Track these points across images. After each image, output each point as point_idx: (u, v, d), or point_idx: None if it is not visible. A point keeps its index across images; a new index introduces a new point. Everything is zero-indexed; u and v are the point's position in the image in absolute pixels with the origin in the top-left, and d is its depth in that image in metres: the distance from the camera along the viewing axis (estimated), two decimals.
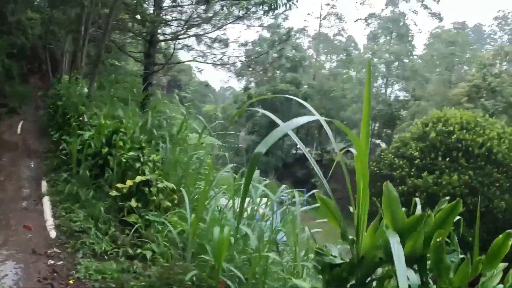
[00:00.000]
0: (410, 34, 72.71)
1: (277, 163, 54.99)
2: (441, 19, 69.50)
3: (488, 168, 31.17)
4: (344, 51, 74.11)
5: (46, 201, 7.73)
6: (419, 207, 4.04)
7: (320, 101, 64.90)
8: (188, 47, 18.75)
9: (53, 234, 6.45)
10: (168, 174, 7.58)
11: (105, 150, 8.14)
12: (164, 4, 16.82)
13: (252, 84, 67.40)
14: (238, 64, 19.81)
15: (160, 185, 6.75)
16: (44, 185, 8.78)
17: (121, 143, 8.05)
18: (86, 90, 12.53)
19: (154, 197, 6.51)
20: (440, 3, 66.91)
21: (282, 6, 11.16)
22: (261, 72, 19.49)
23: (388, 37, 72.40)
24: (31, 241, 6.17)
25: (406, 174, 34.08)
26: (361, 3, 72.17)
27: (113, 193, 6.72)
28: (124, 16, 17.08)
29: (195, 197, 7.05)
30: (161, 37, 18.06)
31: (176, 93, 18.28)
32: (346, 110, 69.81)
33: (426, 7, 66.99)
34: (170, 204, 6.75)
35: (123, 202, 6.65)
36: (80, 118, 10.20)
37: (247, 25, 18.38)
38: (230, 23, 17.48)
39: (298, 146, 70.85)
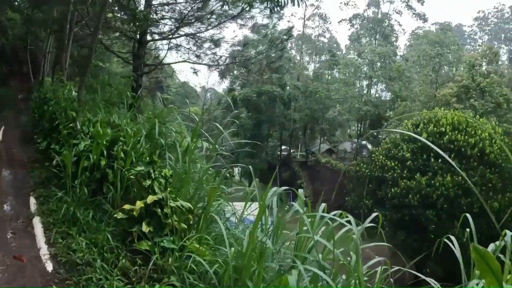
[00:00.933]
0: (394, 35, 72.77)
1: (262, 165, 54.18)
2: (425, 20, 69.68)
3: (481, 168, 30.99)
4: (328, 52, 73.66)
5: (37, 223, 6.62)
6: None
7: (305, 102, 64.40)
8: (178, 48, 17.87)
9: (49, 266, 5.36)
10: (179, 190, 6.63)
11: (104, 162, 7.13)
12: (155, 2, 15.91)
13: (234, 85, 66.67)
14: (232, 65, 19.02)
15: (172, 204, 5.78)
16: (32, 202, 7.67)
17: (122, 154, 7.05)
18: (74, 93, 11.47)
19: (169, 220, 5.53)
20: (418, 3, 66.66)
21: (290, 2, 10.26)
22: (257, 74, 18.56)
23: (371, 38, 72.29)
24: (25, 277, 5.12)
25: (398, 176, 33.71)
26: (345, 4, 71.58)
27: (119, 215, 5.69)
28: (108, 15, 16.09)
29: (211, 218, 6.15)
30: (149, 37, 17.14)
31: (159, 95, 17.27)
32: (331, 111, 69.47)
33: (410, 7, 66.96)
34: (186, 227, 5.78)
35: (130, 225, 5.63)
36: (71, 125, 9.14)
37: (241, 24, 17.58)
38: (225, 21, 16.66)
39: (282, 148, 70.24)
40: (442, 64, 52.83)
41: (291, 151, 71.42)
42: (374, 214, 4.75)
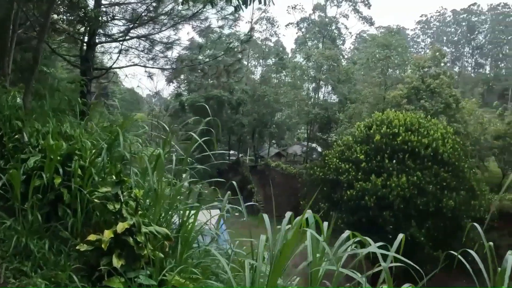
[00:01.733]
0: (341, 38, 73.76)
1: (212, 171, 53.59)
2: (372, 23, 71.00)
3: (435, 168, 31.63)
4: (276, 56, 73.90)
5: None
6: None
7: (253, 106, 64.24)
8: (127, 51, 16.88)
9: None
10: (147, 210, 5.77)
11: (58, 181, 6.13)
12: (105, 2, 14.87)
13: (180, 90, 65.61)
14: (181, 69, 18.22)
15: (145, 230, 4.92)
16: None
17: (79, 171, 6.09)
18: (19, 100, 10.30)
19: (145, 251, 4.66)
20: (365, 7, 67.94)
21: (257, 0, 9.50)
22: (213, 77, 17.83)
23: (317, 41, 72.95)
24: None
25: (353, 178, 33.82)
26: (292, 7, 71.97)
27: (83, 247, 4.76)
28: (54, 16, 14.89)
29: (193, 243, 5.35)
30: (98, 40, 16.05)
31: (104, 102, 16.19)
32: (280, 114, 69.56)
33: (357, 11, 67.97)
34: (162, 256, 4.94)
35: (97, 259, 4.72)
36: (17, 136, 8.04)
37: (196, 26, 16.85)
38: (179, 22, 15.84)
39: (231, 152, 69.62)
40: (390, 66, 53.78)
41: (240, 155, 71.16)
42: (400, 235, 4.18)
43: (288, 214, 4.14)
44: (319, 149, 62.65)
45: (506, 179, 34.05)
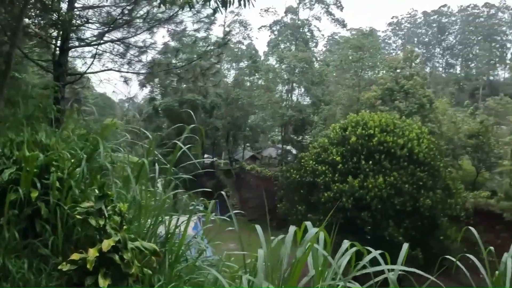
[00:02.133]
0: (314, 40, 74.13)
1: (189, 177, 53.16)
2: (344, 25, 71.53)
3: (411, 168, 31.89)
4: (250, 58, 73.80)
5: None
6: None
7: (227, 109, 64.03)
8: (100, 55, 16.43)
9: None
10: (131, 223, 5.49)
11: (35, 194, 5.78)
12: (78, 5, 14.41)
13: (153, 95, 64.90)
14: (156, 73, 17.87)
15: (131, 246, 4.65)
16: None
17: (57, 183, 5.76)
18: None
19: (133, 269, 4.39)
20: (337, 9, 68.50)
21: (237, 2, 9.29)
22: (190, 81, 17.51)
23: (289, 44, 73.14)
24: None
25: (330, 180, 33.81)
26: (265, 10, 72.06)
27: (66, 266, 4.46)
28: (25, 20, 14.39)
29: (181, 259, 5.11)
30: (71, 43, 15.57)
31: (76, 107, 15.73)
32: (254, 117, 69.48)
33: (330, 13, 68.36)
34: (151, 272, 4.68)
35: (81, 278, 4.43)
36: None
37: (172, 29, 16.55)
38: (155, 26, 15.51)
39: (205, 156, 69.20)
40: (363, 68, 54.19)
41: (214, 159, 70.93)
42: (405, 245, 4.09)
43: (292, 228, 3.96)
44: (294, 151, 62.80)
45: (480, 177, 35.04)
